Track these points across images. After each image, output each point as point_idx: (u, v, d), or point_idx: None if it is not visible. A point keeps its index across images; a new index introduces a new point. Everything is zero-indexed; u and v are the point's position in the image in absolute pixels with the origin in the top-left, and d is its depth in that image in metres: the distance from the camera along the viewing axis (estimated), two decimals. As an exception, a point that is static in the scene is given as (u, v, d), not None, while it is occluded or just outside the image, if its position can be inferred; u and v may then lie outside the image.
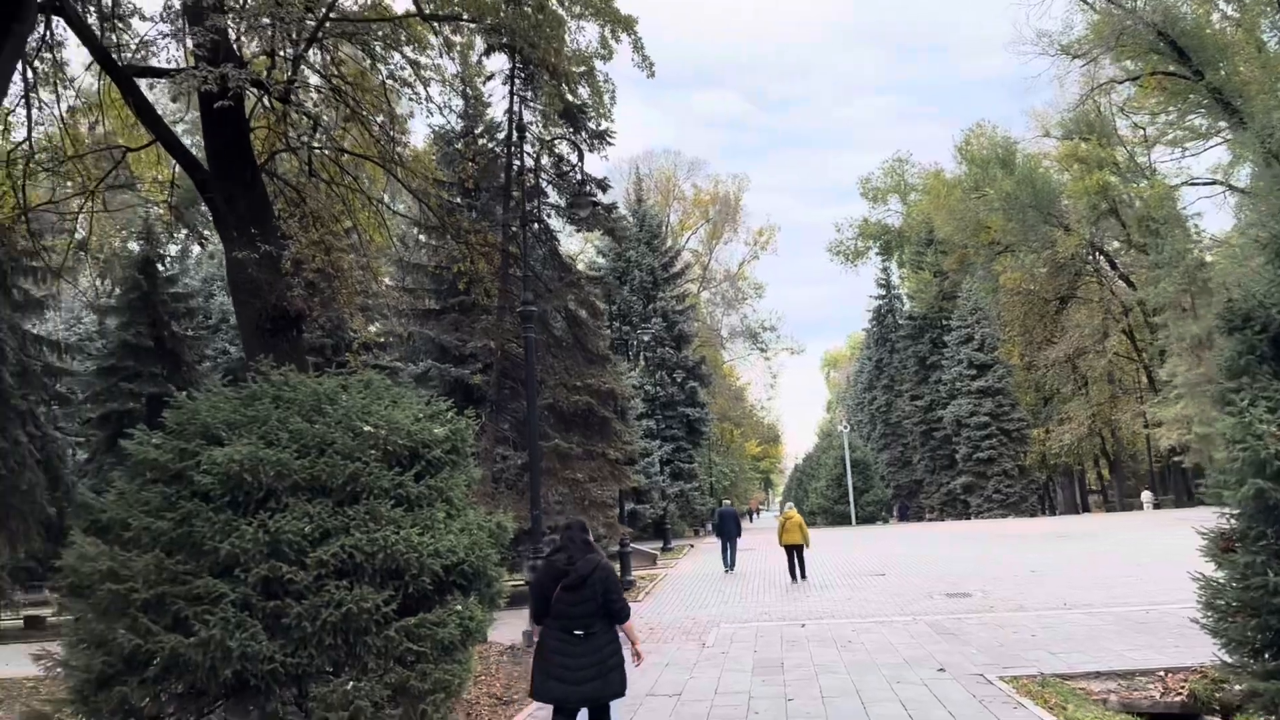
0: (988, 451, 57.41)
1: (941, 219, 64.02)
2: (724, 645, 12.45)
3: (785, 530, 22.61)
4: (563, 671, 6.29)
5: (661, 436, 45.22)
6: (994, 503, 57.35)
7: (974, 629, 12.54)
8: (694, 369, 49.13)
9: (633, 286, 48.34)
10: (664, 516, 39.30)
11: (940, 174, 70.54)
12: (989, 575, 20.48)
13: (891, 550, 30.87)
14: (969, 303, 60.08)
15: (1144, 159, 59.63)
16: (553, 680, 6.38)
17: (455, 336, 20.41)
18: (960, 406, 58.56)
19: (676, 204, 75.90)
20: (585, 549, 6.47)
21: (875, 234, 77.14)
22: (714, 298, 78.07)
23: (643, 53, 17.63)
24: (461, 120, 19.33)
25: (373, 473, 7.62)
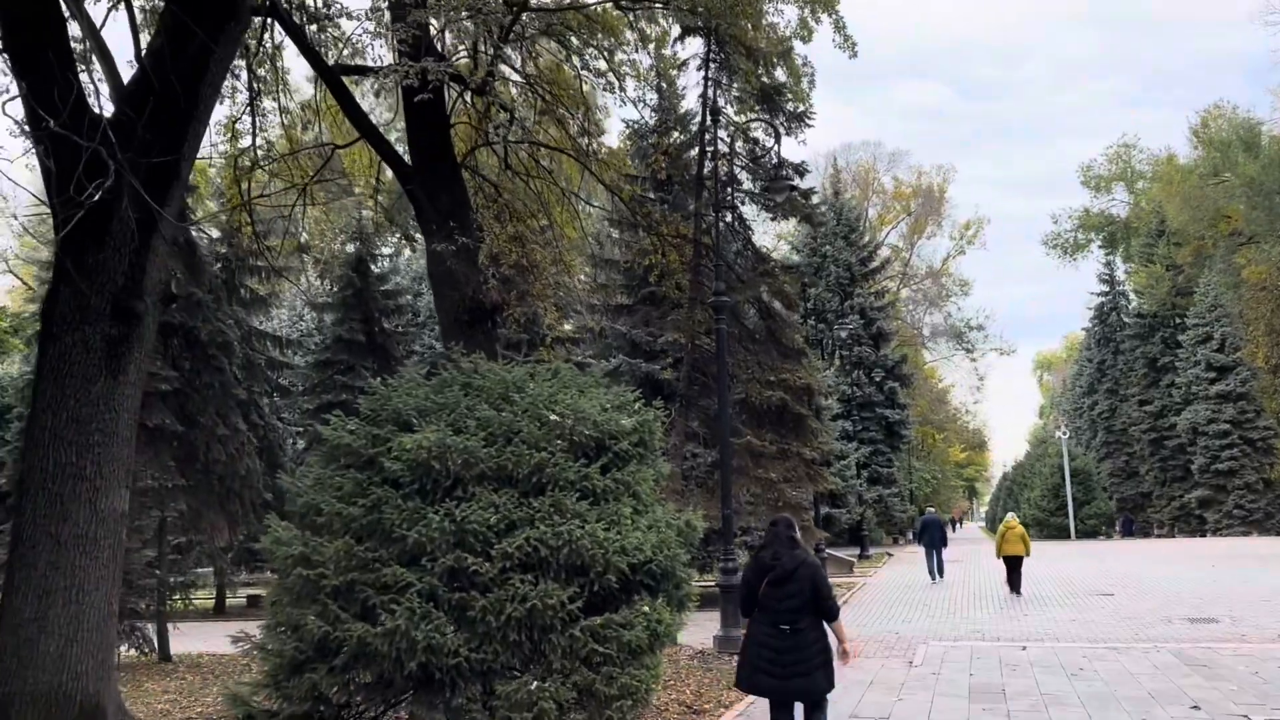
0: (1228, 463, 51.94)
1: (1175, 208, 58.58)
2: (934, 665, 11.44)
3: (1005, 540, 21.34)
4: (770, 666, 6.34)
5: (858, 439, 43.64)
6: (1234, 519, 51.84)
7: (1228, 661, 10.93)
8: (893, 369, 47.18)
9: (828, 283, 46.99)
10: (861, 522, 37.79)
11: (1173, 159, 64.69)
12: (1236, 599, 18.21)
13: (1118, 568, 28.29)
14: (1207, 299, 54.61)
15: None
16: (761, 674, 6.43)
17: (646, 331, 20.19)
18: (1197, 413, 53.32)
19: (875, 197, 73.45)
20: (791, 545, 6.51)
21: (1098, 225, 71.71)
22: (915, 295, 74.97)
23: (844, 33, 16.71)
24: (655, 114, 19.09)
25: (559, 463, 7.31)
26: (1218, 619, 15.45)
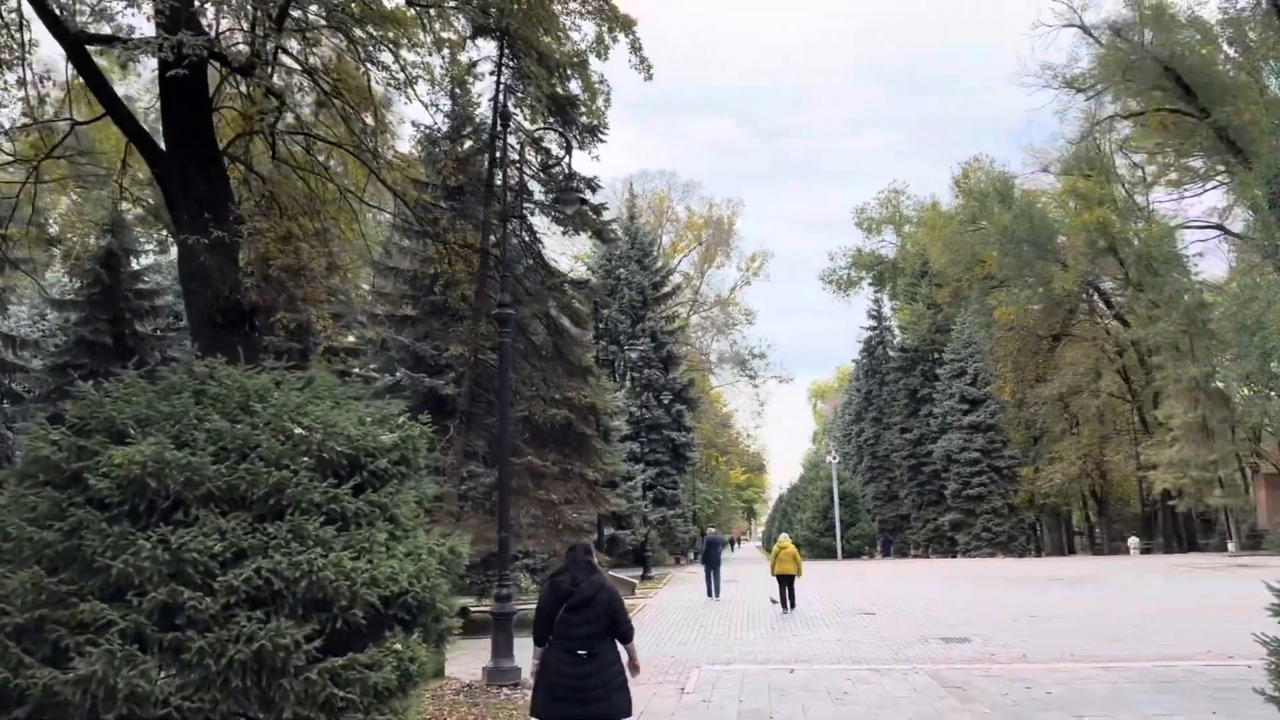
0: (977, 489, 56.37)
1: (937, 251, 63.39)
2: (705, 692, 11.27)
3: (778, 559, 22.36)
4: (569, 692, 6.27)
5: (645, 460, 44.05)
6: (982, 541, 56.25)
7: (981, 682, 11.38)
8: (681, 392, 48.06)
9: (621, 305, 47.32)
10: (645, 543, 38.04)
11: (937, 206, 70.05)
12: (985, 618, 19.37)
13: (879, 587, 29.73)
14: (962, 336, 59.24)
15: (1141, 199, 59.23)
16: (560, 701, 6.34)
17: (431, 345, 19.28)
18: (951, 441, 57.58)
19: (669, 225, 75.12)
20: (589, 570, 6.49)
21: (869, 264, 76.49)
22: (704, 322, 77.15)
23: (640, 54, 16.67)
24: (449, 119, 18.34)
25: (302, 483, 6.47)
26: (969, 638, 16.26)
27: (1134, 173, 59.72)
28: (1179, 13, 43.38)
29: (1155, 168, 56.82)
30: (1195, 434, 43.96)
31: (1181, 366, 45.10)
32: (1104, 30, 45.07)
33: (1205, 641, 14.79)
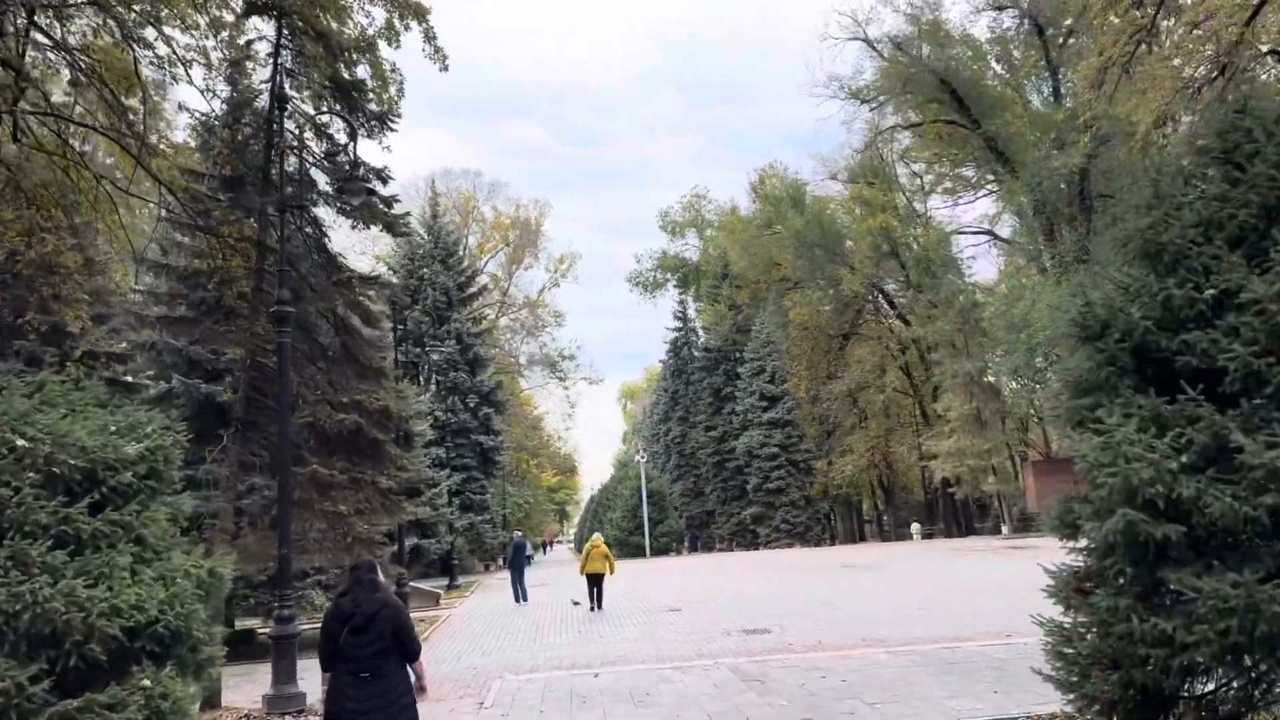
0: (777, 482, 58.56)
1: (736, 254, 65.42)
2: (505, 705, 10.84)
3: (589, 559, 22.46)
4: (354, 716, 6.08)
5: (451, 466, 42.96)
6: (781, 532, 58.46)
7: (779, 674, 11.55)
8: (489, 395, 47.21)
9: (425, 306, 45.95)
10: (451, 551, 37.02)
11: (736, 211, 72.28)
12: (783, 609, 19.87)
13: (685, 583, 30.15)
14: (761, 336, 61.44)
15: (920, 206, 63.37)
16: None
17: (208, 348, 17.86)
18: (752, 437, 59.54)
19: (475, 226, 73.94)
20: (372, 589, 6.29)
21: (673, 266, 78.06)
22: (513, 324, 76.41)
23: (435, 44, 16.07)
24: (226, 106, 17.01)
25: (25, 502, 5.64)
26: (769, 629, 16.61)
27: (913, 181, 63.85)
28: (954, 29, 46.70)
29: (932, 176, 60.97)
30: (970, 425, 47.39)
31: (957, 362, 48.48)
32: (886, 44, 47.93)
33: (984, 622, 15.72)
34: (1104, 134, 38.73)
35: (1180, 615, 5.20)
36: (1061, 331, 6.12)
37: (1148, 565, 5.51)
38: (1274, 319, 4.98)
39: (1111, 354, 5.78)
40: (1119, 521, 5.21)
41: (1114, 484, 5.24)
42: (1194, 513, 5.11)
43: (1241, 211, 5.45)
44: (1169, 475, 5.13)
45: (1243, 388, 5.19)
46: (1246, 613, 4.77)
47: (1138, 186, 5.95)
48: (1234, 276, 5.31)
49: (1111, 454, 5.31)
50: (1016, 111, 46.24)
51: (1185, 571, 5.16)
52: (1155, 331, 5.63)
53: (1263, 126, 5.51)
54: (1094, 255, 42.68)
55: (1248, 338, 5.08)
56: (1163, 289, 5.54)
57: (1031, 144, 44.38)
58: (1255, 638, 4.78)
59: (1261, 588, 4.74)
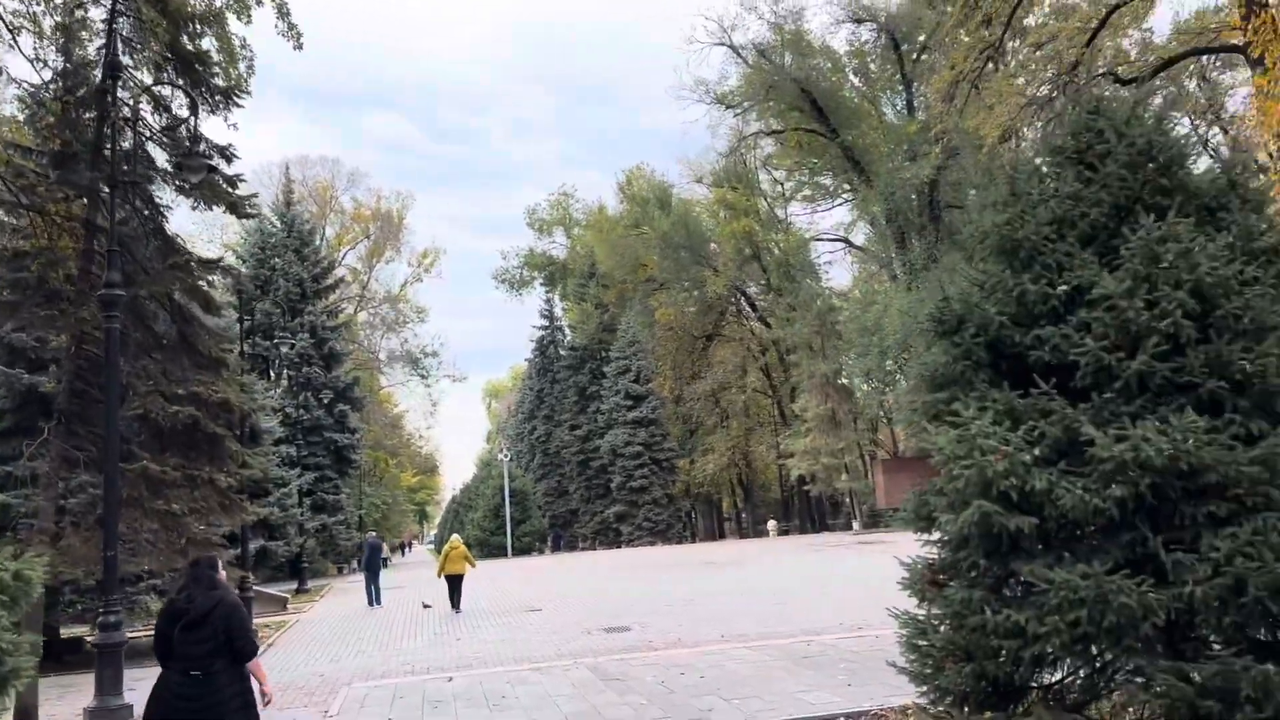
0: (640, 480, 58.85)
1: (604, 253, 65.42)
2: (351, 713, 10.30)
3: (448, 560, 22.27)
4: (183, 716, 5.87)
5: (303, 464, 41.21)
6: (644, 531, 58.79)
7: (639, 671, 11.40)
8: (345, 391, 45.59)
9: (276, 298, 43.98)
10: (301, 554, 35.49)
11: (604, 210, 72.30)
12: (645, 607, 19.83)
13: (547, 582, 29.84)
14: (627, 335, 61.62)
15: (781, 212, 64.97)
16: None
17: (33, 335, 16.42)
18: (617, 436, 59.64)
19: (334, 216, 71.48)
20: (209, 585, 6.12)
21: (540, 264, 77.43)
22: (373, 319, 74.13)
23: (289, 20, 15.31)
24: (59, 79, 15.68)
25: None
26: (630, 626, 16.50)
27: (775, 187, 65.36)
28: (815, 39, 48.00)
29: (793, 184, 62.55)
30: (825, 425, 48.79)
31: (814, 364, 49.85)
32: (750, 51, 48.82)
33: (838, 615, 16.05)
34: (953, 147, 40.56)
35: (1032, 607, 5.26)
36: (919, 328, 6.12)
37: (1000, 557, 5.57)
38: (1124, 314, 5.09)
39: (967, 348, 5.83)
40: (974, 513, 5.23)
41: (969, 476, 5.26)
42: (1046, 505, 5.17)
43: (1093, 210, 5.57)
44: (1022, 468, 5.18)
45: (1093, 382, 5.29)
46: (1095, 603, 4.84)
47: (995, 184, 6.04)
48: (1086, 273, 5.42)
49: (967, 446, 5.33)
50: (872, 123, 47.91)
51: (1037, 563, 5.23)
52: (1010, 326, 5.71)
53: (1114, 127, 5.66)
54: (942, 263, 44.66)
55: (1099, 333, 5.18)
56: (1018, 284, 5.62)
57: (885, 155, 46.06)
58: (1103, 628, 4.86)
59: (1110, 578, 4.82)
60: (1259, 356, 4.93)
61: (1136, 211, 5.50)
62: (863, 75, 51.12)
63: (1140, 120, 5.67)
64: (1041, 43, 33.12)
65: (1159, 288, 5.08)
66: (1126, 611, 4.80)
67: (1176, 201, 5.32)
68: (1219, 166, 5.54)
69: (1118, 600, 4.79)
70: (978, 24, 31.99)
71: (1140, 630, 4.83)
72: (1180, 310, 4.98)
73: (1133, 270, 5.16)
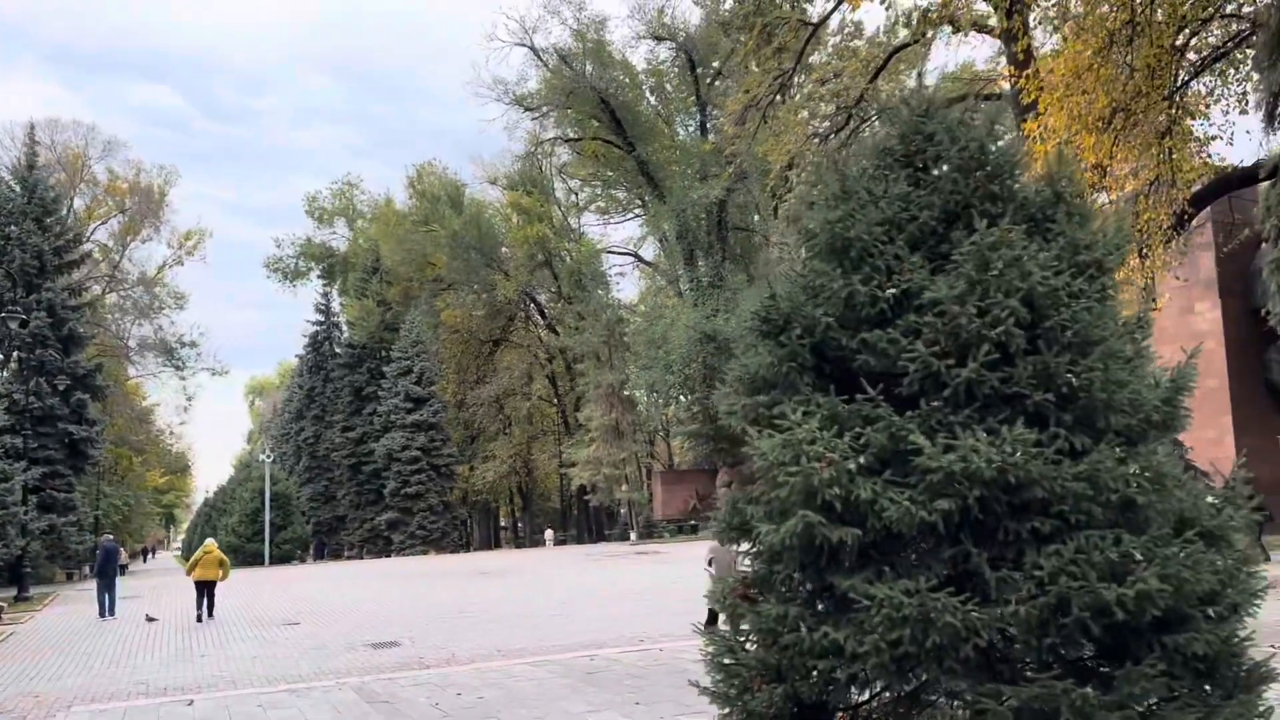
0: (416, 486, 56.80)
1: (389, 248, 62.91)
2: (64, 747, 8.81)
3: (201, 564, 21.07)
4: None
5: (31, 458, 36.61)
6: (417, 539, 56.76)
7: (410, 693, 10.49)
8: (85, 378, 41.11)
9: (9, 270, 39.09)
10: (23, 557, 31.42)
11: (391, 203, 69.67)
12: (416, 619, 18.76)
13: (308, 592, 27.91)
14: (411, 335, 59.40)
15: (574, 221, 64.98)
16: None
17: None
18: (394, 440, 57.29)
19: (85, 187, 64.66)
20: None
21: (319, 256, 73.50)
22: (123, 302, 67.55)
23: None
24: None
25: None
26: (399, 641, 15.46)
27: (569, 196, 65.30)
28: (615, 52, 48.27)
29: (587, 194, 62.79)
30: (609, 435, 48.95)
31: (601, 374, 49.97)
32: (552, 55, 48.43)
33: (619, 627, 15.72)
34: (743, 171, 41.88)
35: (850, 624, 4.96)
36: (743, 329, 5.76)
37: (817, 570, 5.26)
38: (956, 320, 4.90)
39: (793, 350, 5.50)
40: (797, 524, 4.87)
41: (794, 484, 4.90)
42: (870, 516, 4.89)
43: (923, 213, 5.39)
44: (847, 476, 4.88)
45: (920, 389, 5.07)
46: (918, 622, 4.59)
47: (822, 181, 5.76)
48: (916, 277, 5.21)
49: (792, 452, 4.97)
50: (665, 142, 48.78)
51: (857, 578, 4.93)
52: (836, 329, 5.43)
53: (948, 130, 5.51)
54: (726, 283, 46.01)
55: (929, 338, 4.96)
56: (847, 285, 5.34)
57: (678, 173, 46.97)
58: (926, 648, 4.61)
59: (934, 596, 4.57)
60: (1085, 370, 4.86)
61: (966, 217, 5.37)
62: (659, 94, 51.96)
63: (971, 126, 5.55)
64: (825, 79, 34.86)
65: (991, 295, 4.92)
66: (950, 631, 4.57)
67: (1009, 209, 5.22)
68: (1045, 179, 5.49)
69: (942, 619, 4.55)
70: (771, 53, 33.12)
71: (962, 651, 4.62)
72: (1012, 318, 4.84)
73: (965, 275, 4.98)
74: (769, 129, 33.58)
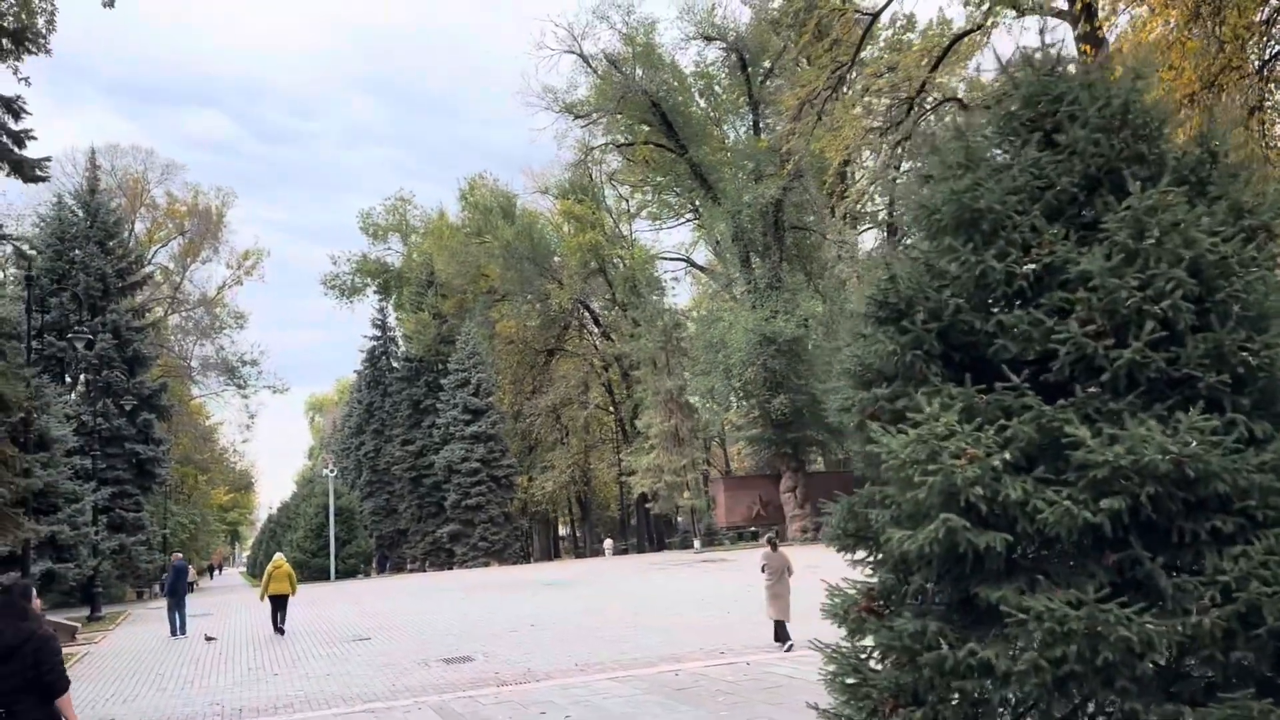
0: (476, 498, 56.75)
1: (443, 261, 63.13)
2: (143, 774, 8.56)
3: (273, 579, 21.49)
4: None
5: (100, 478, 37.18)
6: (479, 551, 56.70)
7: (492, 711, 10.11)
8: (150, 399, 41.70)
9: (75, 293, 39.81)
10: (94, 577, 31.84)
11: (444, 217, 70.00)
12: (487, 632, 18.44)
13: (376, 607, 27.79)
14: (466, 347, 59.48)
15: (626, 228, 64.66)
16: None
17: None
18: (453, 451, 57.35)
19: (146, 211, 66.04)
20: (20, 616, 5.71)
21: (374, 271, 74.09)
22: (185, 323, 68.87)
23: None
24: None
25: None
26: (472, 656, 15.13)
27: (620, 204, 64.99)
28: (665, 54, 47.87)
29: (638, 201, 62.39)
30: (669, 441, 48.44)
31: (659, 380, 49.47)
32: (601, 61, 48.15)
33: (696, 638, 15.22)
34: (798, 169, 41.17)
35: (1000, 641, 4.43)
36: (859, 311, 5.20)
37: (958, 581, 4.73)
38: (1113, 295, 4.34)
39: (918, 336, 4.97)
40: (938, 529, 4.35)
41: (934, 484, 4.38)
42: (1020, 519, 4.35)
43: (1062, 179, 4.83)
44: (992, 475, 4.35)
45: (1070, 375, 4.52)
46: (1086, 636, 4.03)
47: (945, 150, 5.23)
48: (1059, 250, 4.65)
49: (929, 449, 4.45)
50: (715, 145, 48.22)
51: (1008, 588, 4.39)
52: (968, 311, 4.89)
53: (1085, 87, 4.95)
54: (784, 283, 45.26)
55: (1082, 316, 4.40)
56: (979, 262, 4.80)
57: (732, 174, 46.38)
58: (1095, 666, 4.05)
59: (1105, 607, 4.02)
60: (1263, 348, 4.27)
61: (1109, 182, 4.82)
62: (708, 96, 51.43)
63: (1110, 83, 4.98)
64: (880, 73, 34.06)
65: (1152, 265, 4.36)
66: (1123, 646, 4.02)
67: (1163, 172, 4.64)
68: (1196, 138, 4.90)
69: (1115, 633, 4.00)
70: (825, 48, 32.43)
71: (1138, 669, 4.06)
72: (1179, 291, 4.28)
73: (1121, 244, 4.43)
74: (825, 125, 32.93)
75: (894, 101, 32.97)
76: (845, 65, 30.83)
